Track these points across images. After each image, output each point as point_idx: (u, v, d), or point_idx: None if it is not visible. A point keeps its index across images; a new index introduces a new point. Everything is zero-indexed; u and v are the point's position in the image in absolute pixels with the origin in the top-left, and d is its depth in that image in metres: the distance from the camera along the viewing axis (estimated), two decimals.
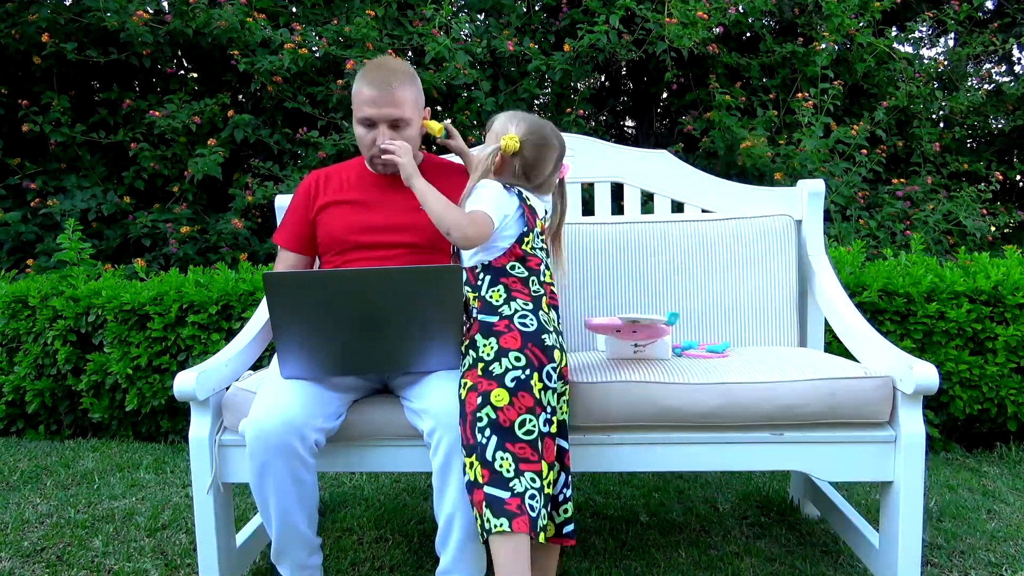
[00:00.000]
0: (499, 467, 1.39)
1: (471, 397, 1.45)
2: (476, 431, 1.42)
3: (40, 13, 4.06)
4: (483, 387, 1.45)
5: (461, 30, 4.42)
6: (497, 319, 1.52)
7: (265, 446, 1.48)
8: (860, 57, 4.60)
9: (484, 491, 1.38)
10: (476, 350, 1.50)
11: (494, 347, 1.48)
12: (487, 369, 1.46)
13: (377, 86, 1.73)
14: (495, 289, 1.56)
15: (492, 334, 1.50)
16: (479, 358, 1.48)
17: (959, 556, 1.88)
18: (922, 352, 2.58)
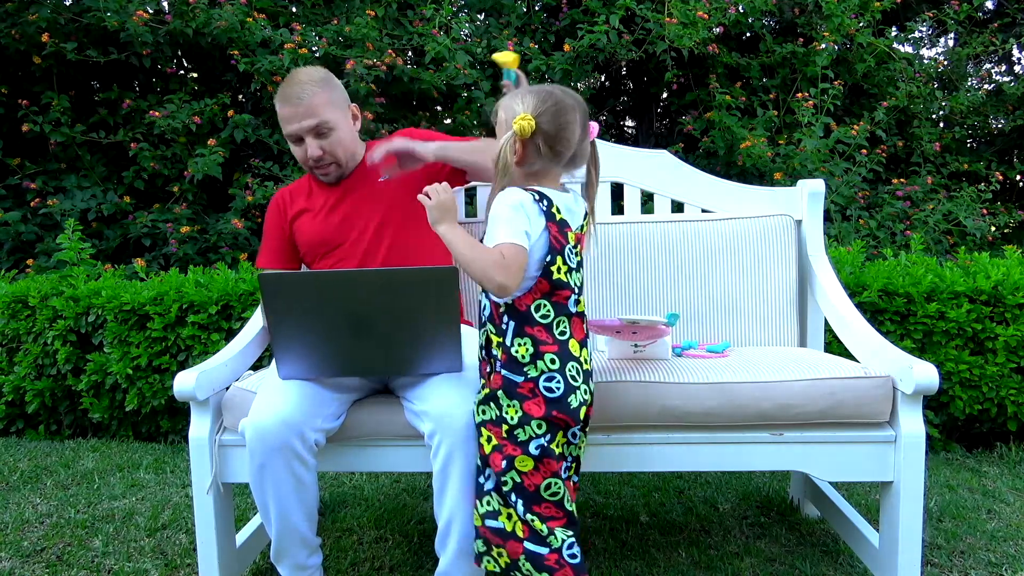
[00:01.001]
0: (534, 526, 1.38)
1: (495, 458, 1.40)
2: (503, 493, 1.39)
3: (40, 13, 4.06)
4: (508, 451, 1.39)
5: (461, 30, 4.42)
6: (522, 380, 1.39)
7: (265, 446, 1.48)
8: (860, 57, 4.60)
9: (524, 545, 1.37)
10: (499, 408, 1.41)
11: (518, 411, 1.39)
12: (512, 433, 1.39)
13: (288, 102, 1.77)
14: (521, 342, 1.40)
15: (516, 396, 1.39)
16: (502, 418, 1.40)
17: (959, 556, 1.88)
18: (922, 352, 2.58)
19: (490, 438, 1.42)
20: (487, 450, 1.42)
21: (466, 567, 1.53)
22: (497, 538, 1.40)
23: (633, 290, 2.09)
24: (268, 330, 1.50)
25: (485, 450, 1.42)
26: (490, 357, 1.45)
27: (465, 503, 1.48)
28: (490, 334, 1.45)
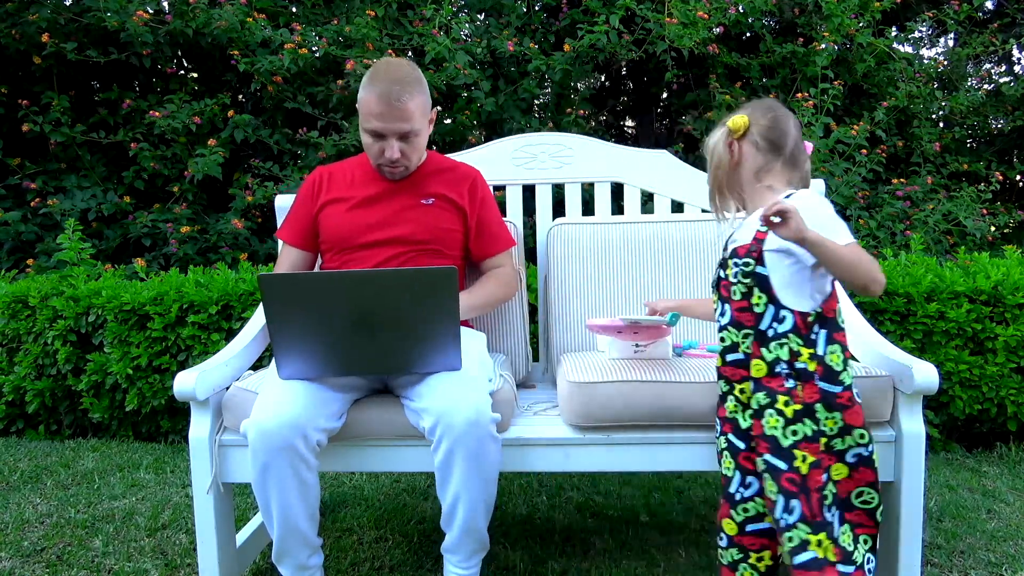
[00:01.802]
0: (843, 543, 1.34)
1: (815, 475, 1.32)
2: (823, 508, 1.33)
3: (40, 13, 4.06)
4: (826, 462, 1.34)
5: (461, 30, 4.42)
6: (840, 390, 1.35)
7: (267, 446, 1.48)
8: (860, 57, 4.60)
9: (837, 569, 1.31)
10: (816, 422, 1.33)
11: (838, 423, 1.34)
12: (829, 444, 1.34)
13: (386, 101, 1.70)
14: (833, 350, 1.36)
15: (836, 408, 1.34)
16: (820, 431, 1.33)
17: (959, 556, 1.88)
18: (922, 352, 2.58)
19: (805, 457, 1.33)
20: (804, 471, 1.32)
21: (472, 543, 1.57)
22: (812, 571, 1.31)
23: (633, 290, 2.09)
24: (268, 331, 1.50)
25: (802, 471, 1.32)
26: (795, 371, 1.35)
27: (470, 482, 1.50)
28: (796, 347, 1.35)
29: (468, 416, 1.48)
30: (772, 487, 1.35)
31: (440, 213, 1.86)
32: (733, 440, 1.45)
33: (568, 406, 1.66)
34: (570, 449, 1.65)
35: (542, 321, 2.23)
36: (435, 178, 1.90)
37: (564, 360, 1.87)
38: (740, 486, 1.44)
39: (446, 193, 1.87)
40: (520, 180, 2.27)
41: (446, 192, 1.88)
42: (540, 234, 2.25)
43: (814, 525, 1.31)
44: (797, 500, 1.32)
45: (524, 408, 1.85)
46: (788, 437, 1.34)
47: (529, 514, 2.21)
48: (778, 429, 1.35)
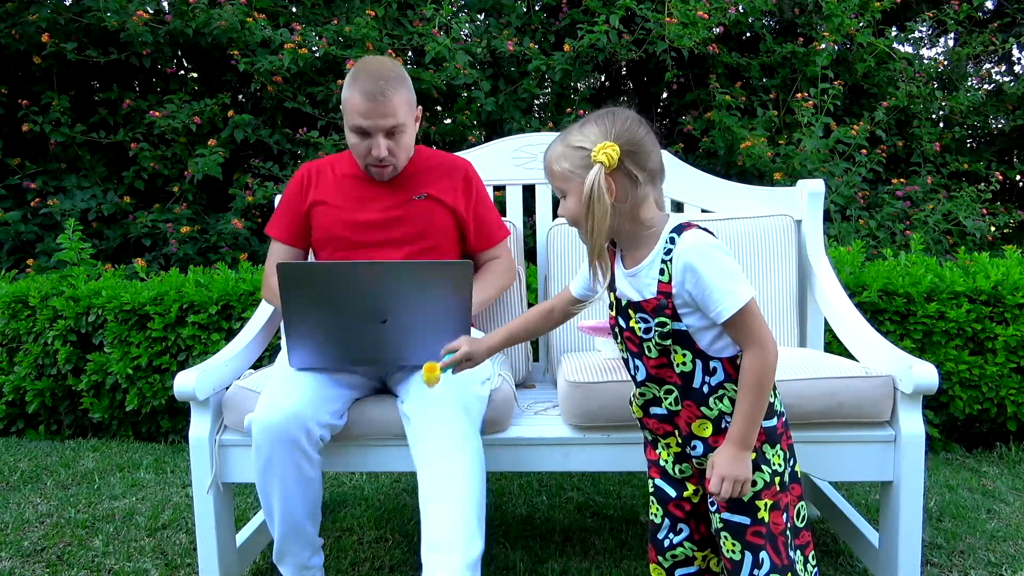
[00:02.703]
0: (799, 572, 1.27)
1: (776, 517, 1.24)
2: (788, 548, 1.25)
3: (40, 13, 4.06)
4: (783, 501, 1.26)
5: (461, 30, 4.42)
6: (775, 420, 1.26)
7: (271, 439, 1.48)
8: (860, 57, 4.60)
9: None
10: (768, 463, 1.24)
11: (778, 454, 1.25)
12: (783, 480, 1.26)
13: (369, 97, 1.69)
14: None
15: (776, 440, 1.25)
16: (774, 472, 1.24)
17: (959, 556, 1.88)
18: (922, 352, 2.58)
19: (766, 504, 1.24)
20: (767, 519, 1.23)
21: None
22: None
23: None
24: (283, 318, 1.51)
25: (765, 520, 1.23)
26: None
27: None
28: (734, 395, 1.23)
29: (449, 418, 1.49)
30: (734, 546, 1.24)
31: (432, 208, 1.85)
32: (662, 486, 1.35)
33: (568, 406, 1.66)
34: (570, 449, 1.65)
35: None
36: (425, 175, 1.88)
37: (564, 360, 1.87)
38: (670, 532, 1.35)
39: (437, 194, 1.87)
40: (520, 180, 2.27)
41: (437, 193, 1.87)
42: (540, 234, 2.25)
43: (782, 570, 1.24)
44: (765, 552, 1.24)
45: (524, 408, 1.85)
46: (748, 493, 1.23)
47: (529, 514, 2.21)
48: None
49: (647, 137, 1.22)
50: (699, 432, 1.26)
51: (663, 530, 1.36)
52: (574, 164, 1.22)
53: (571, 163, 1.22)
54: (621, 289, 1.30)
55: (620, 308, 1.30)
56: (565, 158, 1.23)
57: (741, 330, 1.19)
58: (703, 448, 1.26)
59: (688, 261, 1.19)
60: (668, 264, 1.21)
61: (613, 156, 1.18)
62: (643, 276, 1.25)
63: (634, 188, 1.21)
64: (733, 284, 1.18)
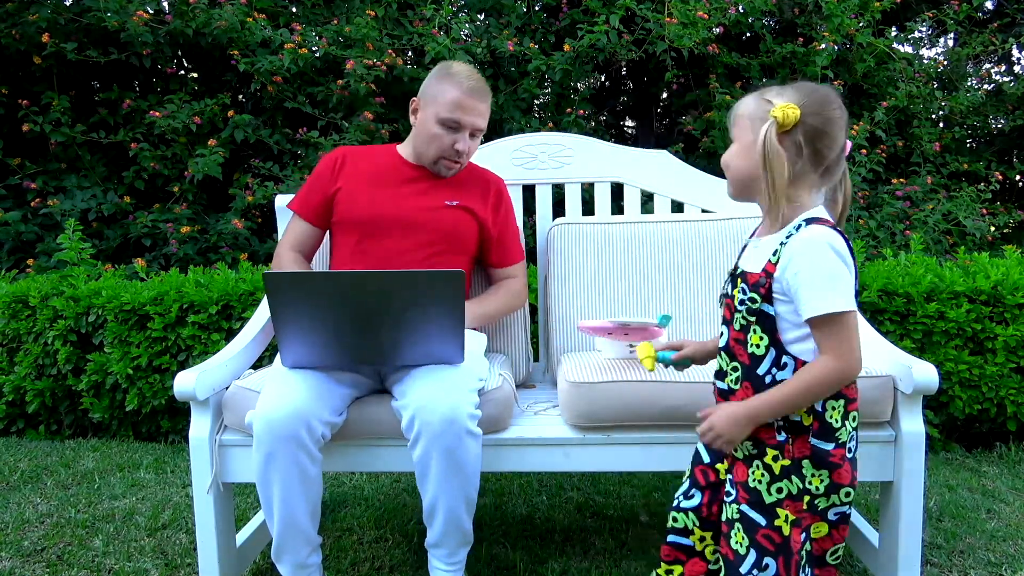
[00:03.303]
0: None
1: (795, 534, 1.22)
2: (799, 570, 1.23)
3: (40, 13, 4.06)
4: (806, 522, 1.24)
5: (461, 30, 4.42)
6: (833, 447, 1.22)
7: (272, 435, 1.48)
8: (860, 57, 4.60)
9: None
10: (802, 479, 1.22)
11: (824, 480, 1.22)
12: (813, 503, 1.23)
13: (475, 94, 1.79)
14: (834, 405, 1.22)
15: (826, 466, 1.22)
16: (805, 489, 1.22)
17: (959, 556, 1.88)
18: (922, 352, 2.58)
19: (787, 516, 1.22)
20: (785, 531, 1.22)
21: (456, 538, 1.59)
22: None
23: (633, 290, 2.10)
24: (273, 325, 1.51)
25: (783, 532, 1.22)
26: (788, 424, 1.23)
27: (448, 481, 1.51)
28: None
29: (443, 414, 1.49)
30: (742, 539, 1.24)
31: (460, 217, 1.90)
32: (700, 449, 1.38)
33: (568, 406, 1.66)
34: (570, 449, 1.65)
35: (542, 321, 2.23)
36: (460, 184, 1.93)
37: (564, 360, 1.87)
38: (682, 495, 1.37)
39: (470, 205, 1.91)
40: (520, 180, 2.28)
41: (471, 204, 1.91)
42: (540, 234, 2.26)
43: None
44: (774, 561, 1.22)
45: (524, 408, 1.85)
46: (772, 495, 1.23)
47: (529, 514, 2.21)
48: (762, 484, 1.24)
49: (836, 122, 1.20)
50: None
51: (681, 488, 1.39)
52: (752, 112, 1.22)
53: (751, 110, 1.23)
54: (743, 255, 1.32)
55: (733, 273, 1.32)
56: (750, 105, 1.24)
57: (827, 336, 1.18)
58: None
59: (798, 251, 1.18)
60: (782, 247, 1.21)
61: (790, 116, 1.17)
62: (761, 250, 1.26)
63: (797, 160, 1.20)
64: (831, 289, 1.16)
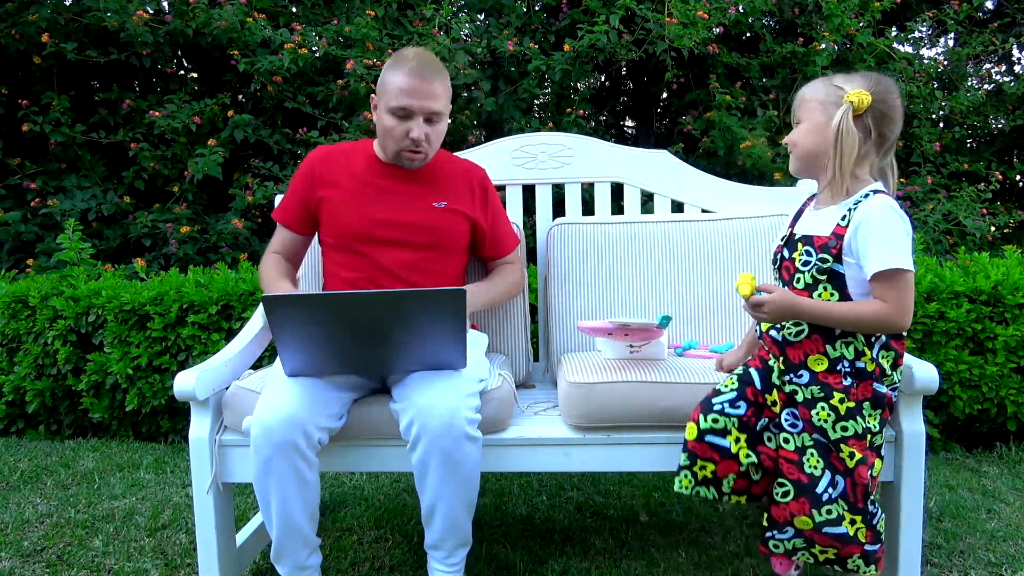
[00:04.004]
0: (879, 527, 1.43)
1: (862, 471, 1.39)
2: (868, 502, 1.41)
3: (40, 13, 4.06)
4: (871, 460, 1.42)
5: (461, 30, 4.42)
6: (886, 389, 1.42)
7: (270, 442, 1.48)
8: (860, 57, 4.60)
9: (864, 547, 1.40)
10: (864, 419, 1.40)
11: (877, 420, 1.42)
12: (872, 441, 1.42)
13: (418, 76, 1.69)
14: (886, 354, 1.42)
15: (880, 405, 1.42)
16: (868, 429, 1.40)
17: (959, 556, 1.88)
18: (922, 352, 2.58)
19: (852, 454, 1.39)
20: (850, 464, 1.39)
21: (454, 539, 1.58)
22: (835, 542, 1.39)
23: (633, 290, 2.09)
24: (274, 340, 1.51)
25: (847, 464, 1.39)
26: (855, 370, 1.40)
27: (447, 485, 1.51)
28: (860, 347, 1.40)
29: (442, 418, 1.48)
30: (817, 463, 1.40)
31: (452, 220, 1.86)
32: (753, 373, 1.52)
33: (568, 406, 1.66)
34: (570, 449, 1.65)
35: (542, 321, 2.23)
36: (444, 181, 1.88)
37: (564, 360, 1.87)
38: (729, 401, 1.49)
39: (460, 207, 1.87)
40: (520, 180, 2.28)
41: (459, 205, 1.87)
42: (540, 234, 2.25)
43: (854, 509, 1.39)
44: (843, 479, 1.38)
45: (524, 408, 1.85)
46: (837, 432, 1.40)
47: (529, 514, 2.21)
48: (828, 423, 1.40)
49: (898, 110, 1.40)
50: (813, 365, 1.42)
51: (723, 395, 1.51)
52: (823, 97, 1.40)
53: (822, 95, 1.41)
54: (801, 224, 1.49)
55: (791, 241, 1.48)
56: (820, 90, 1.42)
57: (887, 288, 1.34)
58: (808, 378, 1.43)
59: (867, 215, 1.36)
60: (851, 212, 1.38)
61: (864, 102, 1.36)
62: (826, 217, 1.43)
63: (865, 141, 1.38)
64: (894, 247, 1.33)
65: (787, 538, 1.44)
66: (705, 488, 1.50)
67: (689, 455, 1.50)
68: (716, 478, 1.49)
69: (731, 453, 1.47)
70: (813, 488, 1.40)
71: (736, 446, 1.47)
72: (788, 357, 1.46)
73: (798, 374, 1.44)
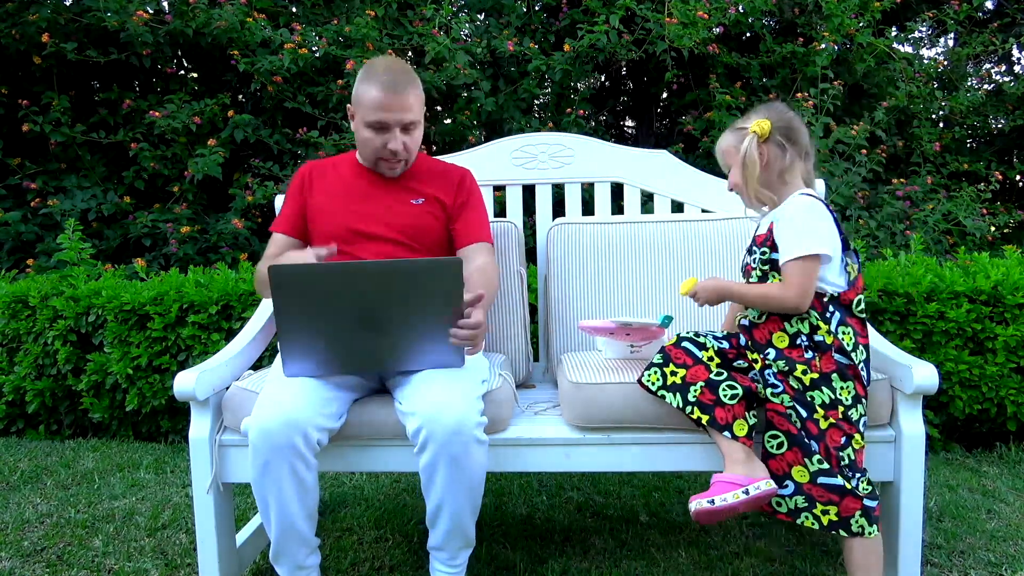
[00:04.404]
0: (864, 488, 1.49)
1: (833, 433, 1.48)
2: (841, 465, 1.47)
3: (40, 13, 4.06)
4: (847, 429, 1.48)
5: (461, 30, 4.42)
6: (848, 361, 1.51)
7: (268, 444, 1.48)
8: (860, 57, 4.60)
9: (863, 503, 1.47)
10: (832, 390, 1.49)
11: (851, 392, 1.49)
12: (847, 414, 1.48)
13: (390, 89, 1.72)
14: (844, 331, 1.52)
15: (849, 378, 1.50)
16: (837, 400, 1.48)
17: (959, 556, 1.88)
18: (922, 352, 2.58)
19: (826, 416, 1.48)
20: (823, 426, 1.48)
21: (458, 541, 1.58)
22: (831, 495, 1.47)
23: (633, 290, 2.09)
24: (276, 323, 1.51)
25: (821, 426, 1.48)
26: (813, 343, 1.52)
27: (454, 488, 1.51)
28: (815, 322, 1.52)
29: (451, 423, 1.48)
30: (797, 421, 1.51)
31: (428, 213, 1.87)
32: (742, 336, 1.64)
33: (570, 406, 1.66)
34: (570, 449, 1.65)
35: (542, 321, 2.23)
36: (426, 179, 1.90)
37: (565, 360, 1.87)
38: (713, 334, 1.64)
39: (436, 194, 1.88)
40: (520, 180, 2.28)
41: (436, 193, 1.88)
42: (540, 234, 2.25)
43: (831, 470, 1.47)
44: (817, 444, 1.48)
45: (524, 408, 1.85)
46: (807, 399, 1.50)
47: (529, 514, 2.21)
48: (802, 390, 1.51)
49: (796, 119, 1.63)
50: (777, 343, 1.56)
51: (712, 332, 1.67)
52: (735, 141, 1.61)
53: (734, 140, 1.61)
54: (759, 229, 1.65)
55: (750, 245, 1.66)
56: (729, 138, 1.63)
57: (790, 274, 1.51)
58: (775, 355, 1.55)
59: (783, 214, 1.56)
60: (779, 212, 1.58)
61: (765, 127, 1.57)
62: (766, 219, 1.62)
63: (782, 156, 1.59)
64: (800, 239, 1.50)
65: (788, 494, 1.50)
66: (672, 394, 1.56)
67: (663, 355, 1.60)
68: (684, 384, 1.55)
69: (702, 361, 1.58)
70: (803, 438, 1.49)
71: (710, 363, 1.58)
72: (755, 338, 1.59)
73: (765, 352, 1.56)
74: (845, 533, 1.47)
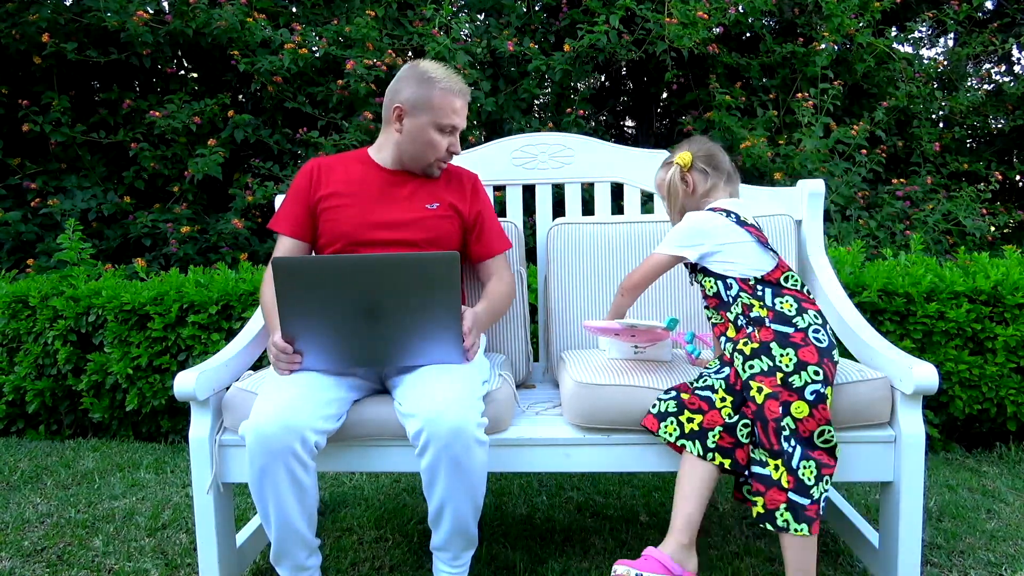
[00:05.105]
0: (802, 475, 1.47)
1: (770, 404, 1.51)
2: (781, 439, 1.49)
3: (40, 13, 4.06)
4: (784, 397, 1.51)
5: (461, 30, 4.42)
6: (793, 330, 1.57)
7: (265, 449, 1.48)
8: (860, 57, 4.60)
9: (788, 496, 1.47)
10: (772, 359, 1.54)
11: (792, 359, 1.53)
12: (787, 380, 1.52)
13: (463, 96, 1.82)
14: (782, 301, 1.61)
15: (789, 345, 1.55)
16: (776, 367, 1.53)
17: (959, 556, 1.88)
18: (922, 352, 2.58)
19: (761, 388, 1.52)
20: (759, 400, 1.52)
21: (461, 541, 1.58)
22: (759, 485, 1.49)
23: None
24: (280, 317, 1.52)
25: (757, 401, 1.52)
26: (750, 320, 1.61)
27: (456, 489, 1.51)
28: (747, 301, 1.63)
29: (452, 425, 1.48)
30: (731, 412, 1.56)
31: (443, 217, 1.88)
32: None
33: (572, 406, 1.66)
34: (570, 449, 1.65)
35: (542, 321, 2.23)
36: (437, 184, 1.92)
37: (567, 359, 1.87)
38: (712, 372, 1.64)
39: (451, 199, 1.90)
40: (520, 180, 2.28)
41: (451, 198, 1.90)
42: (540, 234, 2.26)
43: (771, 452, 1.49)
44: (755, 427, 1.52)
45: (524, 408, 1.85)
46: (746, 371, 1.56)
47: (529, 514, 2.21)
48: (739, 365, 1.58)
49: (715, 146, 1.81)
50: (728, 333, 1.66)
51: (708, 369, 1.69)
52: (664, 175, 1.81)
53: (665, 174, 1.81)
54: None
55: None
56: (660, 173, 1.84)
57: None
58: (725, 342, 1.66)
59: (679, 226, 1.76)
60: None
61: (687, 158, 1.77)
62: None
63: (707, 178, 1.78)
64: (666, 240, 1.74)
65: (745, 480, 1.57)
66: (691, 442, 1.56)
67: (677, 403, 1.59)
68: (702, 430, 1.55)
69: (715, 406, 1.57)
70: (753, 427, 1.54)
71: (720, 403, 1.57)
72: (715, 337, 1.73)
73: (724, 345, 1.66)
74: (771, 527, 1.48)
